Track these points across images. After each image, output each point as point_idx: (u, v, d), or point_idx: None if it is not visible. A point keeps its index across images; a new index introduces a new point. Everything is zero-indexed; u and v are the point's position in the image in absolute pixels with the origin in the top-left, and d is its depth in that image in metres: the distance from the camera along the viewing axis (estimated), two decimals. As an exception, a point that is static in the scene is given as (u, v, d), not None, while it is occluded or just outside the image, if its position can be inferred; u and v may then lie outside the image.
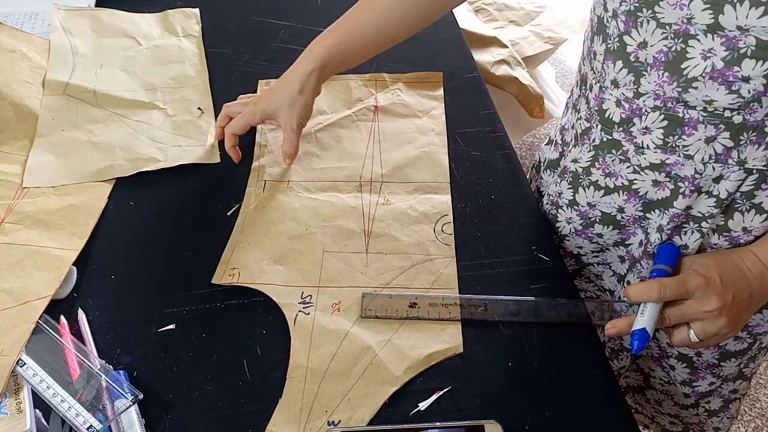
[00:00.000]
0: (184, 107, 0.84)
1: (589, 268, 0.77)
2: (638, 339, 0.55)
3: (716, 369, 0.75)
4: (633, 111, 0.58)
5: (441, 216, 0.70)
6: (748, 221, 0.60)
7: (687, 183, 0.59)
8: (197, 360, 0.58)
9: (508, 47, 1.48)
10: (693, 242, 0.63)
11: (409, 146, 0.79)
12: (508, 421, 0.53)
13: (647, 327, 0.55)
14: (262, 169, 0.76)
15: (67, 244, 0.66)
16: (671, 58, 0.53)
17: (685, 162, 0.58)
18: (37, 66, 0.85)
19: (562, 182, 0.71)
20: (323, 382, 0.56)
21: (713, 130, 0.55)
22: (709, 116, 0.54)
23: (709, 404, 0.81)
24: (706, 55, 0.51)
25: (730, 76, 0.51)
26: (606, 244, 0.72)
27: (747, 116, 0.53)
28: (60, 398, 0.53)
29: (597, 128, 0.63)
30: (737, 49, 0.49)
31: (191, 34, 0.96)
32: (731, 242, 0.62)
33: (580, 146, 0.67)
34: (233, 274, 0.64)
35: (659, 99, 0.56)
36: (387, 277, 0.64)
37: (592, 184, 0.66)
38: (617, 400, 0.57)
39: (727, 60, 0.50)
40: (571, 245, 0.74)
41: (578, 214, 0.70)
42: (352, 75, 0.88)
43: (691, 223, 0.62)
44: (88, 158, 0.76)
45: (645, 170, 0.61)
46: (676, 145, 0.57)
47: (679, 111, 0.55)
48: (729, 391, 0.79)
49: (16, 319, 0.59)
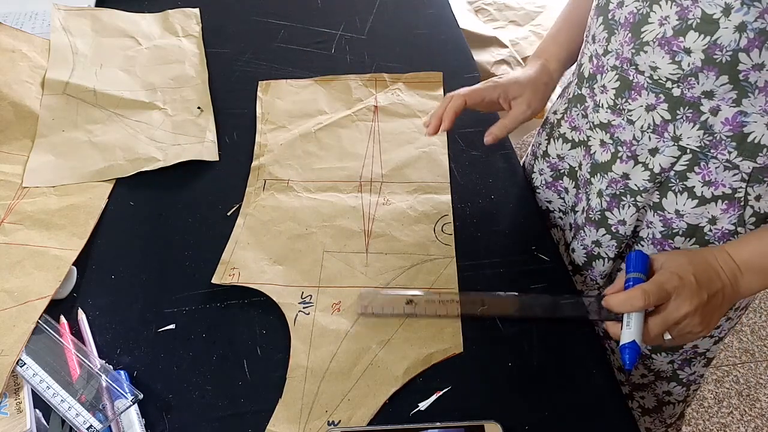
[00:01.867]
0: (184, 107, 0.84)
1: (552, 231, 0.79)
2: (629, 353, 0.53)
3: (647, 360, 0.76)
4: (598, 68, 0.63)
5: (441, 216, 0.70)
6: (681, 204, 0.62)
7: (625, 148, 0.63)
8: (197, 360, 0.58)
9: (508, 47, 1.48)
10: (629, 216, 0.66)
11: (409, 146, 0.79)
12: (508, 421, 0.53)
13: (636, 339, 0.53)
14: (262, 168, 0.76)
15: (67, 244, 0.66)
16: (637, 20, 0.56)
17: (627, 126, 0.61)
18: (37, 66, 0.85)
19: (542, 133, 0.76)
20: (323, 382, 0.56)
21: (654, 98, 0.58)
22: (653, 84, 0.57)
23: (644, 400, 0.81)
24: (662, 22, 0.54)
25: (675, 46, 0.54)
26: (568, 205, 0.75)
27: (685, 90, 0.56)
28: (60, 398, 0.53)
29: (574, 82, 0.69)
30: (686, 19, 0.52)
31: (191, 34, 0.96)
32: (665, 224, 0.64)
33: (561, 98, 0.72)
34: (233, 274, 0.64)
35: (618, 59, 0.59)
36: (387, 277, 0.64)
37: (561, 137, 0.72)
38: (617, 400, 0.57)
39: (676, 29, 0.53)
40: (542, 199, 0.78)
41: (549, 166, 0.75)
42: (352, 75, 0.88)
43: (628, 196, 0.65)
44: (88, 158, 0.76)
45: (596, 129, 0.65)
46: (623, 108, 0.61)
47: (630, 74, 0.59)
48: (662, 392, 0.79)
49: (16, 319, 0.59)
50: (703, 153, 0.58)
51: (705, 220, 0.62)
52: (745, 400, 1.47)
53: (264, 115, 0.83)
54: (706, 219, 0.62)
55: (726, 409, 1.46)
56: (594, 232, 0.70)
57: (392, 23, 0.99)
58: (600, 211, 0.68)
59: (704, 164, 0.59)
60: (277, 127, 0.81)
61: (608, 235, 0.69)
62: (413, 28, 0.97)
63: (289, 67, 0.90)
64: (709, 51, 0.52)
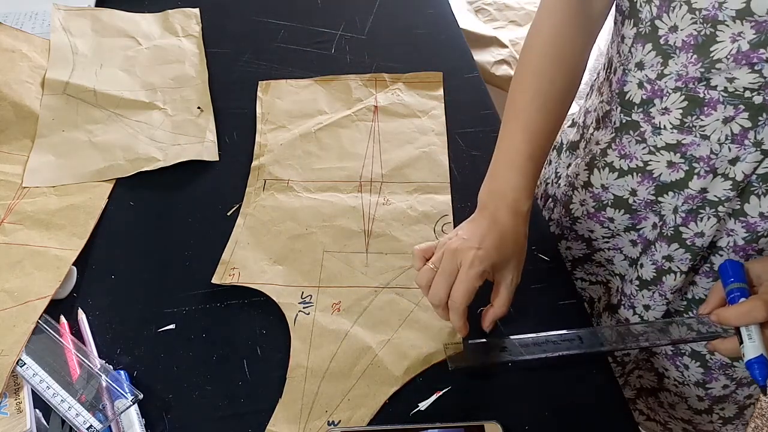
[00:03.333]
0: (184, 107, 0.84)
1: (599, 253, 0.77)
2: (759, 368, 0.50)
3: (729, 370, 0.74)
4: (654, 92, 0.60)
5: (441, 216, 0.70)
6: (765, 206, 0.60)
7: (702, 164, 0.60)
8: (197, 360, 0.58)
9: (508, 47, 1.48)
10: (709, 228, 0.63)
11: (409, 146, 0.79)
12: (508, 421, 0.53)
13: (764, 352, 0.51)
14: (263, 168, 0.76)
15: (67, 244, 0.66)
16: (701, 41, 0.54)
17: (701, 142, 0.59)
18: (37, 66, 0.85)
19: (580, 163, 0.72)
20: (323, 382, 0.56)
21: (732, 110, 0.56)
22: (730, 96, 0.55)
23: (724, 411, 0.80)
24: (735, 39, 0.52)
25: (755, 58, 0.52)
26: (616, 230, 0.72)
27: (767, 96, 0.54)
28: (60, 398, 0.53)
29: (617, 110, 0.65)
30: (765, 32, 0.50)
31: (191, 34, 0.96)
32: (748, 229, 0.62)
33: (603, 129, 0.68)
34: (233, 274, 0.64)
35: (681, 80, 0.57)
36: (387, 277, 0.64)
37: (607, 166, 0.68)
38: (617, 400, 0.57)
39: (753, 42, 0.51)
40: (583, 228, 0.75)
41: (591, 196, 0.71)
42: (352, 75, 0.88)
43: (707, 208, 0.62)
44: (88, 158, 0.76)
45: (660, 151, 0.62)
46: (694, 125, 0.58)
47: (700, 91, 0.56)
48: (744, 397, 0.78)
49: (16, 319, 0.59)
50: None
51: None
52: (745, 400, 1.46)
53: (264, 115, 0.83)
54: None
55: (726, 409, 1.45)
56: (666, 248, 0.67)
57: (392, 23, 0.99)
58: (674, 227, 0.65)
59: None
60: (277, 127, 0.81)
61: (682, 249, 0.66)
62: (413, 28, 0.97)
63: (289, 67, 0.90)
64: None
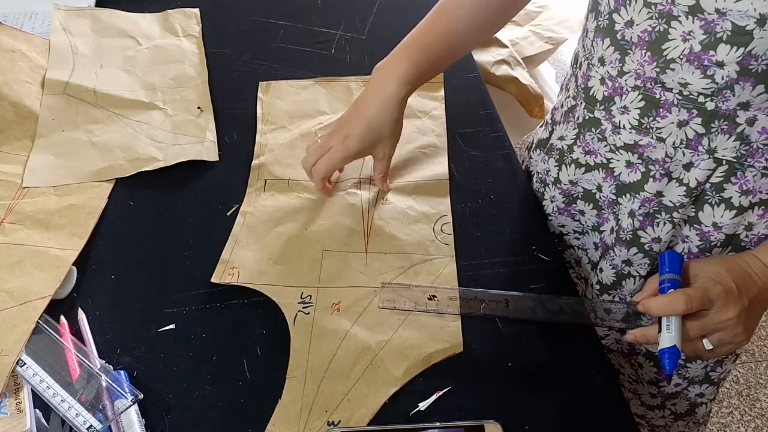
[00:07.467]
0: (184, 107, 0.84)
1: (570, 251, 0.78)
2: (669, 357, 0.52)
3: (682, 369, 0.75)
4: (615, 89, 0.60)
5: (440, 216, 0.70)
6: (718, 216, 0.61)
7: (657, 166, 0.60)
8: (197, 360, 0.58)
9: (508, 47, 1.48)
10: (665, 234, 0.64)
11: (409, 146, 0.79)
12: (508, 421, 0.53)
13: (677, 343, 0.52)
14: (263, 168, 0.76)
15: (67, 244, 0.66)
16: (654, 38, 0.54)
17: (657, 144, 0.59)
18: (37, 66, 0.85)
19: (549, 160, 0.73)
20: (323, 382, 0.56)
21: (686, 114, 0.56)
22: (684, 100, 0.55)
23: (675, 406, 0.80)
24: (685, 38, 0.52)
25: (706, 60, 0.52)
26: (586, 225, 0.73)
27: (719, 104, 0.54)
28: (60, 398, 0.53)
29: (581, 106, 0.65)
30: (714, 33, 0.50)
31: (191, 34, 0.96)
32: (702, 237, 0.63)
33: (566, 123, 0.69)
34: (233, 274, 0.64)
35: (639, 79, 0.57)
36: (387, 277, 0.64)
37: (574, 162, 0.68)
38: (617, 400, 0.57)
39: (704, 43, 0.51)
40: (554, 225, 0.76)
41: (561, 192, 0.72)
42: (353, 77, 0.88)
43: (663, 213, 0.63)
44: (88, 158, 0.76)
45: (620, 150, 0.62)
46: (650, 126, 0.59)
47: (657, 92, 0.56)
48: (695, 395, 0.78)
49: (16, 319, 0.59)
50: (739, 163, 0.57)
51: (741, 227, 0.61)
52: (745, 400, 1.47)
53: (264, 116, 0.83)
54: (742, 226, 0.61)
55: (726, 409, 1.46)
56: (625, 252, 0.68)
57: (392, 23, 0.99)
58: (632, 231, 0.66)
59: (741, 174, 0.57)
60: (278, 127, 0.81)
61: (641, 254, 0.67)
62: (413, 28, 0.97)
63: (289, 67, 0.90)
64: (744, 62, 0.50)
